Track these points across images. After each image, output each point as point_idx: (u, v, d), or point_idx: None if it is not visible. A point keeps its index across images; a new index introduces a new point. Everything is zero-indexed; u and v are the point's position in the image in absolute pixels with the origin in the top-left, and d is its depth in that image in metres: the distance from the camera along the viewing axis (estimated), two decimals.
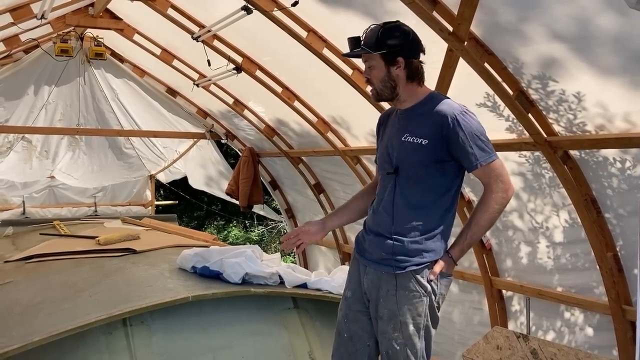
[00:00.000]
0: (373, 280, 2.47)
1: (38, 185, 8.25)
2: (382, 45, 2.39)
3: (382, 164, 2.55)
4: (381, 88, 2.46)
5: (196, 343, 3.16)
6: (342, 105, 5.47)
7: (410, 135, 2.41)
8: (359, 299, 2.54)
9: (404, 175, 2.42)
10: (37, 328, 2.89)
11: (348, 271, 2.67)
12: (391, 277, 2.41)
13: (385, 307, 2.42)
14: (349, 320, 2.56)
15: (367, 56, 2.44)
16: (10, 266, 4.57)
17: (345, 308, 2.59)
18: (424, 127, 2.40)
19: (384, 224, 2.45)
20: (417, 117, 2.45)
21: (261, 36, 5.08)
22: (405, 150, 2.42)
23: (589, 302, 4.11)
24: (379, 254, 2.45)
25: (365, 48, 2.42)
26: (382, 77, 2.44)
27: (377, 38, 2.39)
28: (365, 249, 2.53)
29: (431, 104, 2.44)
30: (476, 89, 3.80)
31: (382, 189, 2.52)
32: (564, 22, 3.00)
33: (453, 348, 5.33)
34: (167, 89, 7.63)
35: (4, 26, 5.28)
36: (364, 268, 2.52)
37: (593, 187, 3.74)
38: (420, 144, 2.38)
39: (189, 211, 16.33)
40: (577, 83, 3.28)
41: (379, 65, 2.43)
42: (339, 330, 2.60)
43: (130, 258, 4.43)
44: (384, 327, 2.43)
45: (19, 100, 7.04)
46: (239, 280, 3.44)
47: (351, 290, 2.58)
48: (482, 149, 2.35)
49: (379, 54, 2.41)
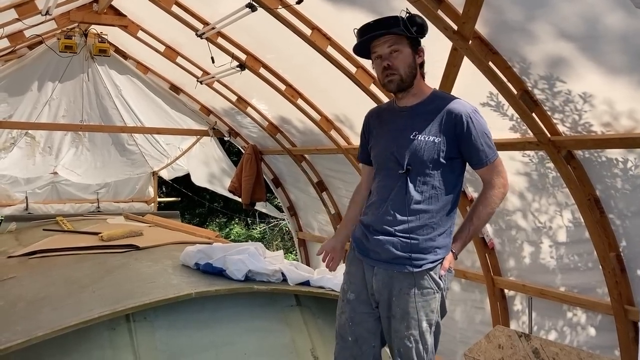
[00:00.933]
0: (384, 280, 2.44)
1: (41, 181, 8.26)
2: (411, 30, 2.38)
3: (384, 162, 2.51)
4: (407, 74, 2.43)
5: (199, 339, 3.17)
6: (345, 104, 5.47)
7: (419, 133, 2.41)
8: (365, 301, 2.52)
9: (415, 173, 2.41)
10: (40, 323, 2.89)
11: (347, 271, 2.62)
12: (406, 276, 2.40)
13: (398, 305, 2.41)
14: (354, 323, 2.53)
15: (394, 40, 2.40)
16: (13, 261, 4.58)
17: (349, 311, 2.54)
18: (434, 125, 2.40)
19: (396, 223, 2.42)
20: (424, 114, 2.43)
21: (265, 34, 5.08)
22: (417, 149, 2.40)
23: (592, 302, 4.11)
24: (390, 254, 2.42)
25: (402, 29, 2.37)
26: (409, 62, 2.43)
27: (405, 23, 2.38)
28: (370, 249, 2.50)
29: (439, 102, 2.44)
30: (480, 88, 3.79)
31: (386, 188, 2.48)
32: (572, 21, 3.00)
33: (455, 347, 5.33)
34: (170, 86, 7.64)
35: (8, 22, 5.28)
36: (371, 269, 2.48)
37: (597, 187, 3.74)
38: (432, 141, 2.39)
39: (191, 208, 16.35)
40: (583, 82, 3.28)
41: (406, 50, 2.42)
42: (342, 334, 2.57)
43: (133, 254, 4.44)
44: (397, 326, 2.42)
45: (23, 96, 7.04)
46: (242, 277, 3.44)
47: (354, 292, 2.54)
48: (490, 147, 2.42)
49: (407, 39, 2.40)
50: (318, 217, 7.74)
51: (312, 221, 7.96)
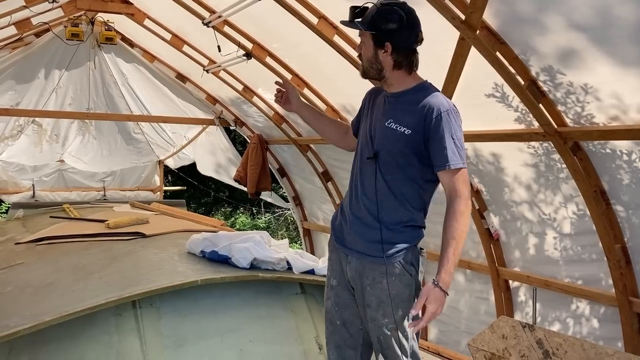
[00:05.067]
0: (357, 269, 2.44)
1: (48, 169, 8.31)
2: (373, 26, 2.34)
3: (363, 146, 2.48)
4: (367, 67, 2.43)
5: (204, 326, 3.19)
6: (351, 94, 5.46)
7: (394, 122, 2.37)
8: (345, 287, 2.53)
9: (384, 161, 2.38)
10: (48, 308, 2.92)
11: (328, 258, 2.64)
12: (377, 264, 2.38)
13: (372, 294, 2.40)
14: (339, 307, 2.56)
15: (360, 31, 2.40)
16: (21, 248, 4.61)
17: (333, 296, 2.58)
18: (409, 116, 2.34)
19: (368, 211, 2.40)
20: (404, 104, 2.39)
21: (272, 22, 5.07)
22: (387, 137, 2.37)
23: (596, 293, 4.12)
24: (362, 243, 2.41)
25: (356, 23, 2.36)
26: (369, 56, 2.40)
27: (371, 17, 2.34)
28: (344, 237, 2.49)
29: (421, 94, 2.37)
30: (485, 79, 3.78)
31: (361, 174, 2.46)
32: (583, 12, 2.98)
33: (459, 337, 5.35)
34: (176, 75, 7.64)
35: (16, 9, 5.30)
36: (345, 257, 2.49)
37: (603, 178, 3.73)
38: (403, 132, 2.33)
39: (197, 198, 16.42)
40: (593, 73, 3.26)
41: (369, 44, 2.39)
42: (330, 319, 2.60)
43: (140, 242, 4.46)
44: (373, 314, 2.42)
45: (30, 84, 7.07)
46: (247, 265, 3.45)
47: (336, 278, 2.56)
48: (454, 153, 2.28)
49: (369, 33, 2.36)
50: (323, 207, 7.75)
51: (317, 211, 7.98)
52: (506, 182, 4.50)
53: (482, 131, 4.16)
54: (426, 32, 2.42)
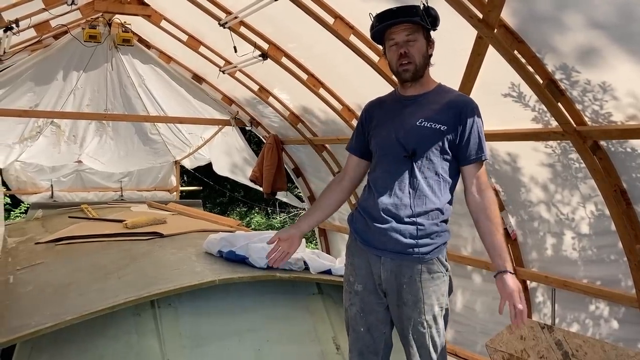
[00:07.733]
0: (392, 269, 2.44)
1: (66, 170, 8.40)
2: (427, 21, 2.43)
3: (389, 149, 2.50)
4: (422, 63, 2.48)
5: (222, 326, 3.21)
6: (367, 93, 5.38)
7: (427, 120, 2.44)
8: (373, 291, 2.52)
9: (420, 158, 2.43)
10: (68, 308, 2.96)
11: (350, 262, 2.61)
12: (414, 262, 2.40)
13: (409, 292, 2.42)
14: (365, 313, 2.55)
15: (412, 29, 2.44)
16: (41, 248, 4.67)
17: (358, 302, 2.55)
18: (442, 114, 2.43)
19: (402, 209, 2.41)
20: (431, 104, 2.47)
21: (287, 23, 5.08)
22: (423, 135, 2.43)
23: (616, 294, 4.06)
24: (397, 241, 2.41)
25: (420, 19, 2.41)
26: (424, 52, 2.47)
27: (424, 13, 2.42)
28: (374, 238, 2.48)
29: (445, 94, 2.51)
30: (501, 79, 3.76)
31: (391, 174, 2.47)
32: (604, 10, 2.94)
33: (475, 337, 5.32)
34: (193, 76, 7.68)
35: (35, 12, 5.37)
36: (377, 259, 2.47)
37: (623, 178, 3.68)
38: (439, 129, 2.42)
39: (212, 197, 16.50)
40: (612, 72, 3.22)
41: (422, 40, 2.46)
42: (353, 326, 2.59)
43: (157, 242, 4.50)
44: (409, 313, 2.43)
45: (48, 85, 7.13)
46: (264, 265, 3.45)
47: (361, 283, 2.54)
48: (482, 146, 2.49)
49: (423, 30, 2.45)
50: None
51: None
52: (523, 182, 4.47)
53: (500, 130, 4.13)
54: (443, 30, 2.47)
